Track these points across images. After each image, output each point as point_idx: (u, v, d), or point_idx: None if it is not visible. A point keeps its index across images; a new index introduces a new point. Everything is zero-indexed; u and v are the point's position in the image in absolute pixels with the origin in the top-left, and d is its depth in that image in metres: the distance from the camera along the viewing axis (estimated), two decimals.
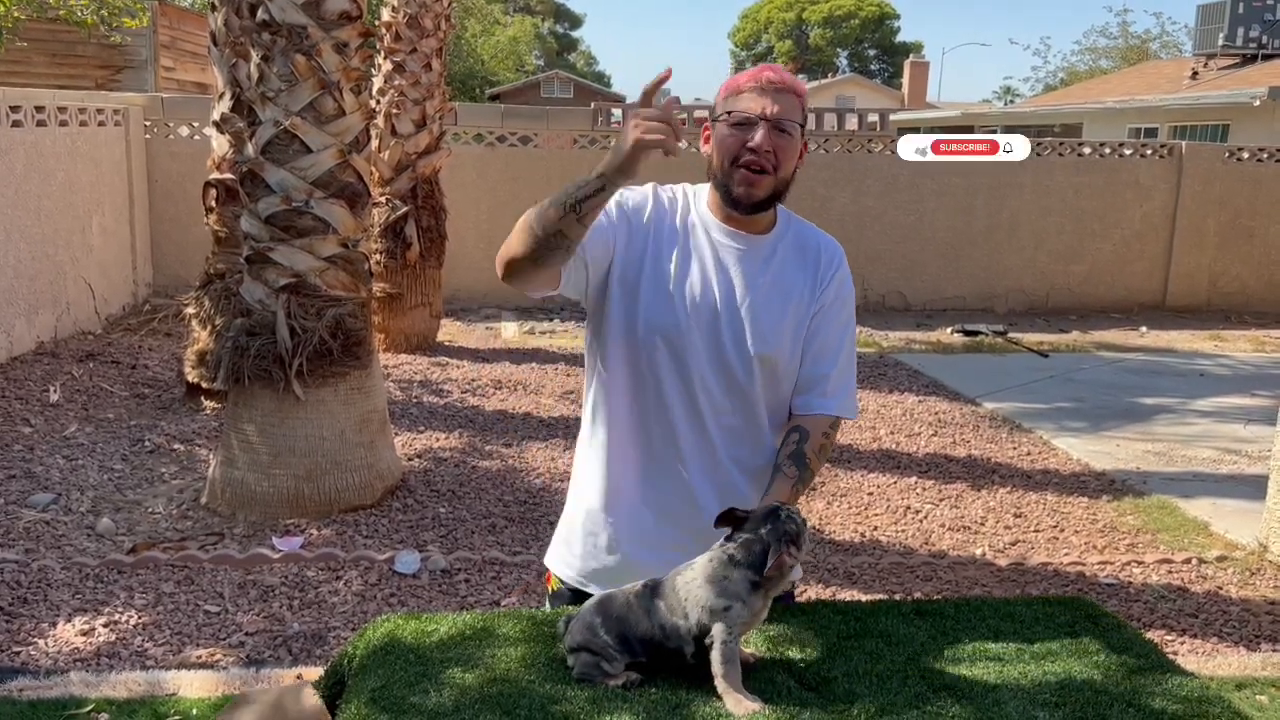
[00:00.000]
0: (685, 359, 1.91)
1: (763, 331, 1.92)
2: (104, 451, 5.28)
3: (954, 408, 6.86)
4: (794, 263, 1.96)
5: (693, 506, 1.96)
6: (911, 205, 10.71)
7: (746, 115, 1.84)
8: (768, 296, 1.93)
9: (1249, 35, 20.15)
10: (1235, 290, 11.32)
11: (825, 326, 1.98)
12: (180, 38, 13.77)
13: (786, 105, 1.86)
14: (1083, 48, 47.53)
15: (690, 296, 1.90)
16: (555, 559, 2.12)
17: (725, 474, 1.97)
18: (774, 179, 1.87)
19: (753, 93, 1.86)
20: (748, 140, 1.84)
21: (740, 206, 1.89)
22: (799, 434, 1.92)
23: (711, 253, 1.92)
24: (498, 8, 40.44)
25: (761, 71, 1.89)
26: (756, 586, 1.64)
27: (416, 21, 7.75)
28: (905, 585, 4.11)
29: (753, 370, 1.93)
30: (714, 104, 1.96)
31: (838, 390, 1.98)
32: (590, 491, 2.04)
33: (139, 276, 9.38)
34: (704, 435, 1.95)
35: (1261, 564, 4.40)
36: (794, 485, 1.86)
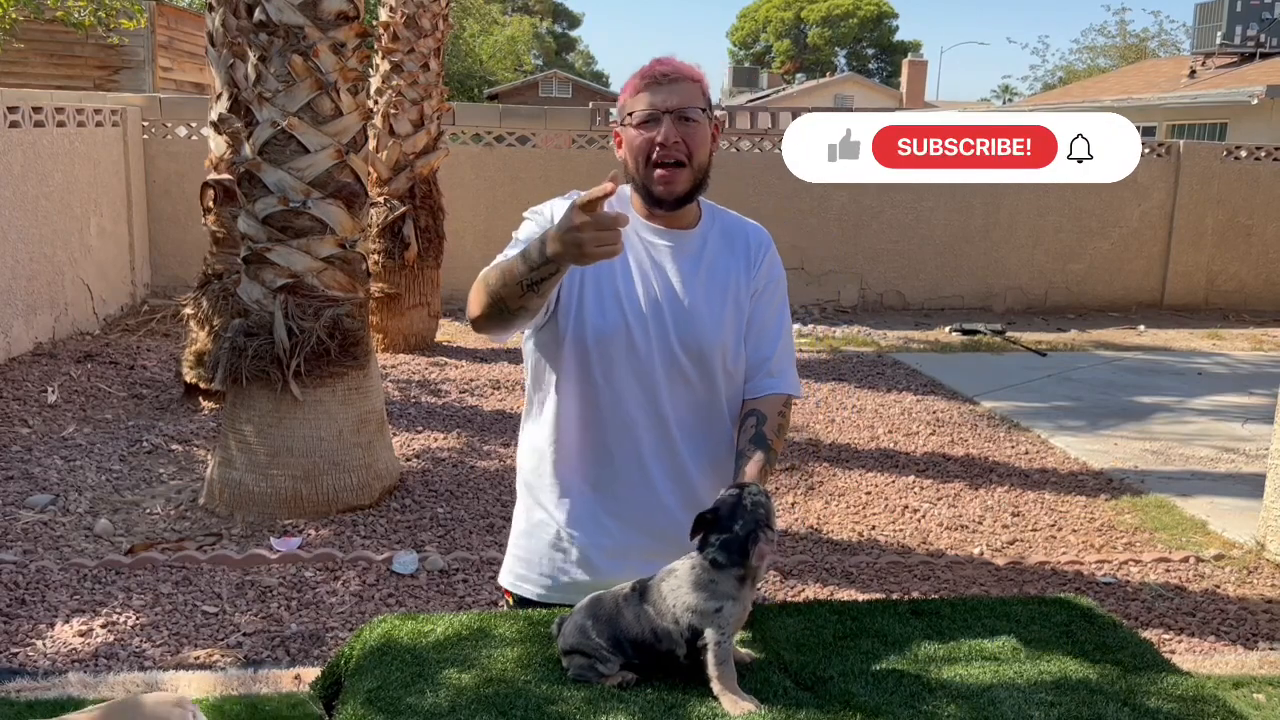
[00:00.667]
0: (639, 363, 1.91)
1: (708, 324, 1.93)
2: (102, 452, 5.28)
3: (952, 407, 6.86)
4: (724, 251, 1.98)
5: (659, 511, 1.96)
6: (909, 204, 10.71)
7: (648, 113, 1.85)
8: (707, 289, 1.94)
9: (1247, 34, 20.15)
10: (1233, 289, 11.33)
11: (763, 309, 2.00)
12: (178, 38, 13.77)
13: (685, 94, 1.86)
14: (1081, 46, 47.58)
15: (633, 300, 1.91)
16: (515, 579, 2.07)
17: (689, 475, 1.97)
18: (690, 170, 1.88)
19: (650, 89, 1.86)
20: (655, 137, 1.84)
21: (664, 204, 1.90)
22: (756, 418, 1.94)
23: (645, 254, 1.93)
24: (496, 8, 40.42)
25: (654, 66, 1.89)
26: (744, 581, 1.65)
27: (414, 21, 7.75)
28: (903, 584, 4.12)
29: (706, 364, 1.94)
30: (617, 108, 1.97)
31: (783, 369, 2.01)
32: (550, 506, 2.01)
33: (137, 277, 9.38)
34: (666, 437, 1.95)
35: (1259, 563, 4.41)
36: (761, 467, 1.87)
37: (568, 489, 1.99)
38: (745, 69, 53.14)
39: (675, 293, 1.93)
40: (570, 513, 1.99)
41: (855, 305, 10.83)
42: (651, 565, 1.86)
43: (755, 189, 10.36)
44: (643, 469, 1.95)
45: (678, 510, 1.95)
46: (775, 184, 10.19)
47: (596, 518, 1.98)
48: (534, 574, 2.05)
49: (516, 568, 2.08)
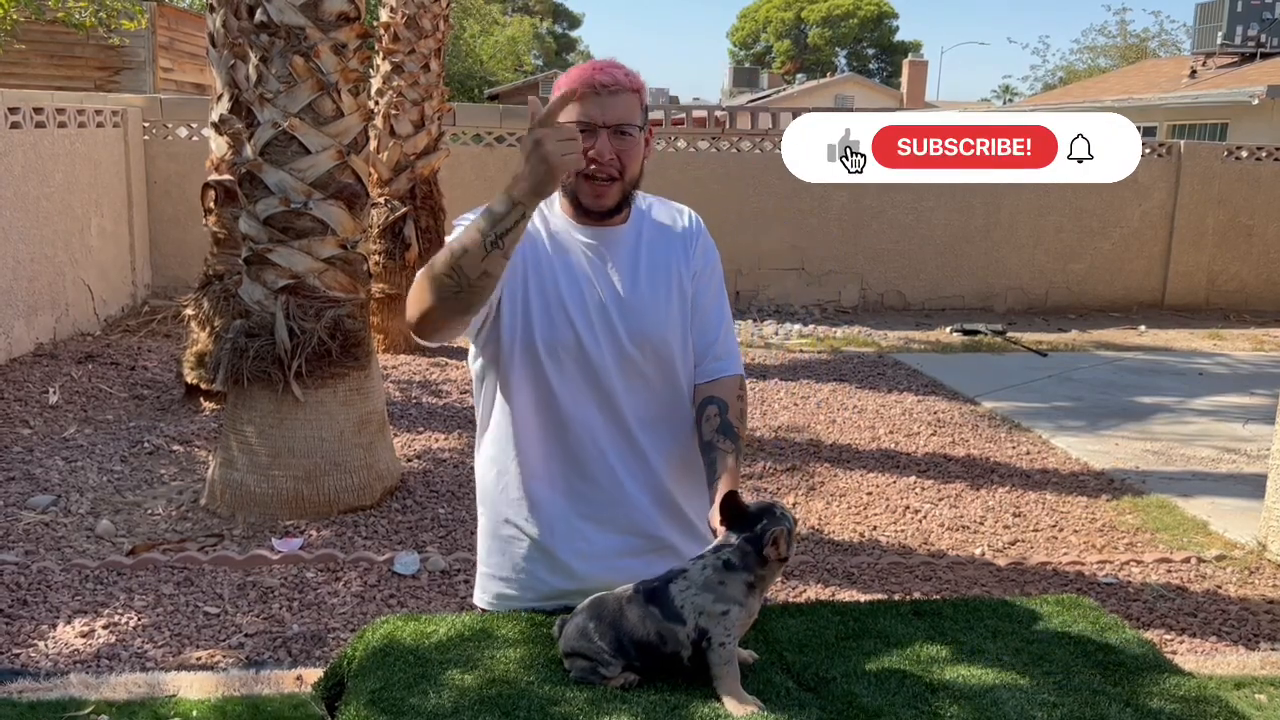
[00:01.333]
0: (592, 367, 1.89)
1: (655, 316, 1.92)
2: (103, 453, 5.29)
3: (953, 407, 6.86)
4: (660, 240, 1.96)
5: (630, 509, 1.95)
6: (910, 204, 10.71)
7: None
8: (649, 281, 1.93)
9: (1247, 34, 20.15)
10: (1234, 289, 11.33)
11: (703, 292, 1.98)
12: (179, 39, 13.77)
13: (624, 106, 1.82)
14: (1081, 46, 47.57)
15: (579, 304, 1.88)
16: (492, 598, 2.03)
17: (656, 470, 1.96)
18: (621, 183, 1.86)
19: (585, 100, 1.79)
20: (588, 150, 1.79)
21: (592, 215, 1.89)
22: (716, 405, 1.92)
23: (582, 255, 1.91)
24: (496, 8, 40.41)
25: (592, 75, 1.81)
26: (752, 588, 1.65)
27: (415, 22, 7.76)
28: (904, 585, 4.12)
29: (660, 356, 1.93)
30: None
31: (729, 350, 2.00)
32: (521, 520, 1.97)
33: (138, 278, 9.38)
34: (628, 437, 1.93)
35: (1260, 563, 4.41)
36: (734, 457, 1.87)
37: (537, 500, 1.96)
38: (745, 69, 53.11)
39: (618, 290, 1.91)
40: (542, 523, 1.96)
41: (856, 305, 10.82)
42: (630, 564, 1.88)
43: (756, 189, 10.37)
44: (610, 471, 1.93)
45: (650, 507, 1.96)
46: (776, 184, 10.20)
47: (570, 523, 1.95)
48: (511, 590, 2.01)
49: (492, 586, 2.04)
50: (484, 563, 2.06)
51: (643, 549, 1.83)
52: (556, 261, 1.91)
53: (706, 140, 10.62)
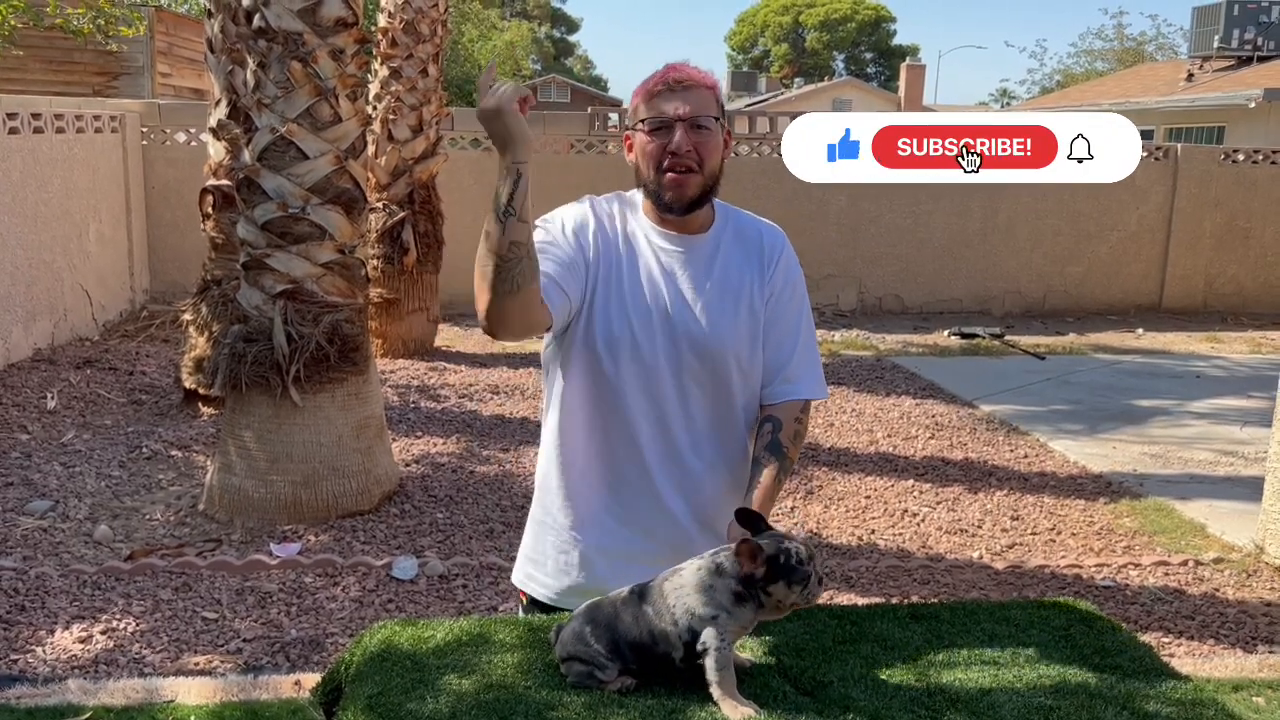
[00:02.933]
0: (645, 371, 1.90)
1: (719, 330, 1.91)
2: (101, 458, 5.29)
3: (951, 410, 6.87)
4: (738, 256, 1.96)
5: (663, 517, 1.95)
6: (908, 207, 10.72)
7: (662, 119, 1.84)
8: (719, 295, 1.93)
9: (1244, 37, 20.19)
10: (1231, 292, 11.34)
11: (780, 313, 1.98)
12: (177, 44, 13.77)
13: (699, 101, 1.85)
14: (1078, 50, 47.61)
15: (643, 306, 1.89)
16: (525, 578, 2.09)
17: (698, 484, 1.96)
18: (702, 176, 1.87)
19: (663, 96, 1.85)
20: (668, 144, 1.84)
21: (674, 209, 1.89)
22: (772, 424, 1.93)
23: (655, 259, 1.92)
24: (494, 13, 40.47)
25: (668, 72, 1.87)
26: (741, 599, 1.63)
27: (413, 27, 7.77)
28: (902, 588, 4.12)
29: (716, 371, 1.93)
30: (629, 111, 1.95)
31: (801, 374, 1.99)
32: (556, 509, 2.01)
33: (136, 283, 9.38)
34: (672, 447, 1.94)
35: (1258, 566, 4.41)
36: (776, 475, 1.87)
37: (573, 493, 1.99)
38: (743, 73, 53.19)
39: (686, 299, 1.91)
40: (575, 516, 1.99)
41: (854, 309, 10.84)
42: (657, 571, 1.87)
43: (754, 193, 10.35)
44: (647, 477, 1.94)
45: (684, 519, 1.96)
46: (774, 188, 10.21)
47: (601, 522, 1.98)
48: (540, 574, 2.06)
49: (526, 566, 2.10)
50: (524, 542, 2.11)
51: (672, 559, 1.79)
52: (629, 261, 1.92)
53: None
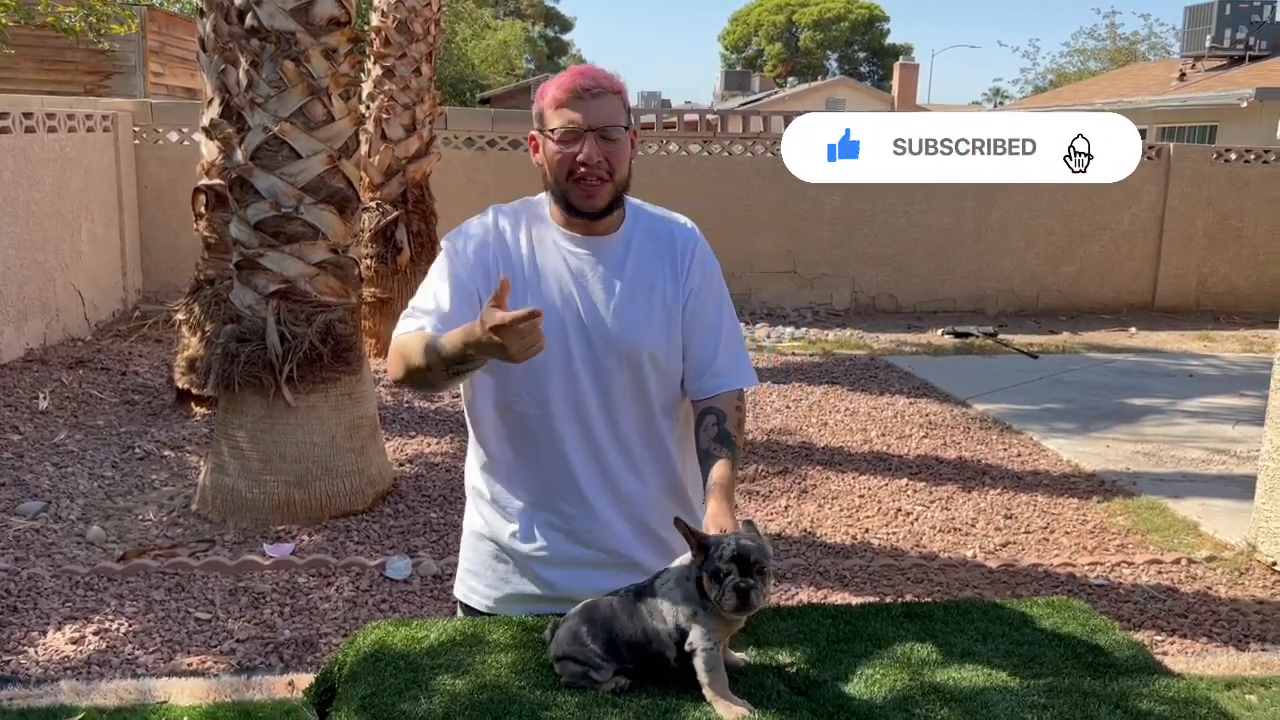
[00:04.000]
0: (564, 380, 1.89)
1: (633, 330, 1.90)
2: (94, 459, 5.27)
3: (944, 409, 6.88)
4: (650, 254, 1.94)
5: (596, 524, 1.94)
6: (901, 207, 10.73)
7: (569, 129, 1.82)
8: (631, 295, 1.91)
9: (1236, 37, 20.26)
10: (1223, 291, 11.37)
11: (700, 309, 1.96)
12: (169, 43, 13.74)
13: (608, 109, 1.83)
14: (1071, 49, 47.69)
15: (554, 313, 1.86)
16: (466, 591, 2.08)
17: (623, 487, 1.95)
18: (612, 184, 1.85)
19: (571, 104, 1.82)
20: (577, 154, 1.81)
21: (584, 215, 1.88)
22: (715, 415, 1.91)
23: (564, 264, 1.90)
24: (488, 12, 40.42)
25: (575, 79, 1.84)
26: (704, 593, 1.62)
27: (406, 26, 7.75)
28: (896, 587, 4.12)
29: (637, 372, 1.91)
30: (534, 113, 1.92)
31: (729, 365, 1.97)
32: (488, 518, 2.01)
33: (128, 283, 9.36)
34: (596, 452, 1.93)
35: (1250, 564, 4.42)
36: (730, 465, 1.86)
37: (505, 503, 1.98)
38: (737, 72, 53.15)
39: (598, 303, 1.89)
40: (508, 526, 1.98)
41: (848, 308, 10.84)
42: (597, 575, 1.87)
43: (748, 193, 10.38)
44: (574, 484, 1.93)
45: (616, 523, 1.95)
46: (768, 188, 10.22)
47: (533, 531, 1.96)
48: (480, 585, 2.04)
49: (465, 578, 2.08)
50: (462, 554, 2.10)
51: (609, 561, 1.82)
52: (535, 267, 1.90)
53: (698, 144, 10.63)
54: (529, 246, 1.92)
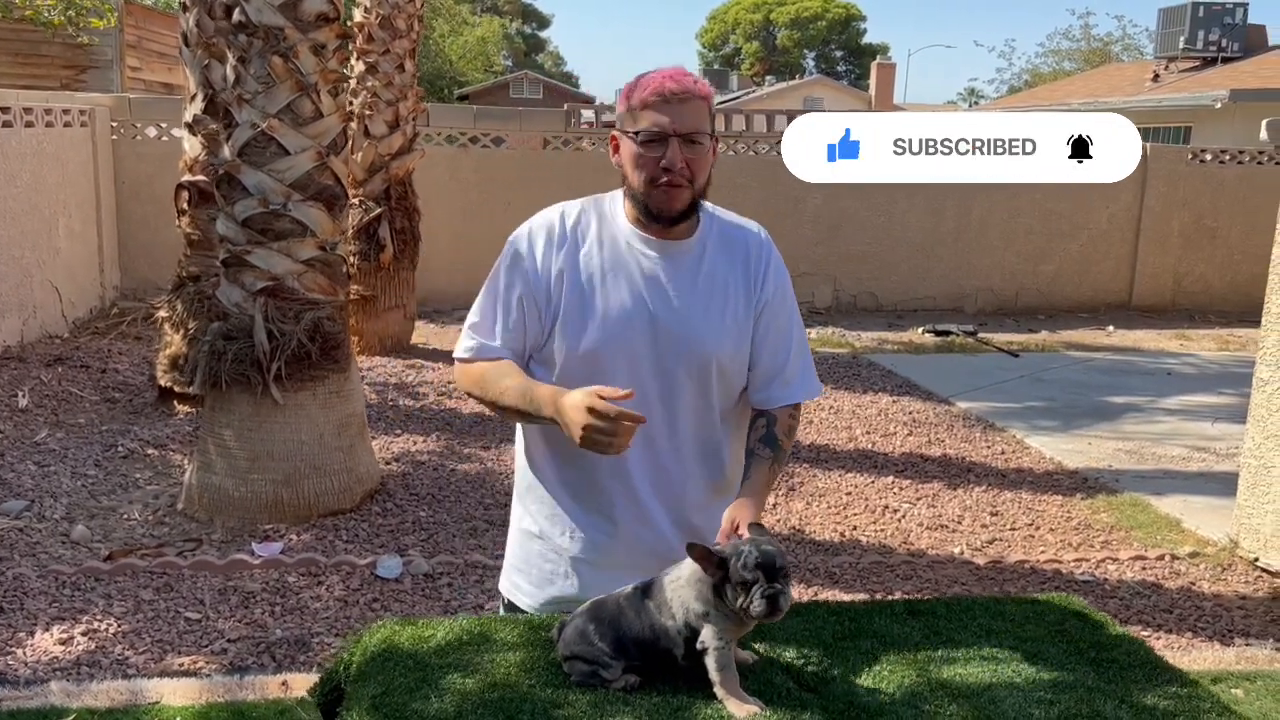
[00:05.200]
0: (630, 377, 1.88)
1: (703, 336, 1.90)
2: (76, 457, 5.22)
3: (928, 407, 6.92)
4: (723, 261, 1.94)
5: (646, 525, 1.95)
6: (883, 206, 10.79)
7: (655, 133, 1.80)
8: (704, 301, 1.90)
9: (1209, 38, 20.49)
10: (1199, 290, 11.49)
11: (772, 321, 1.96)
12: (146, 37, 13.60)
13: (694, 115, 1.81)
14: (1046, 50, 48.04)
15: (622, 312, 1.87)
16: (511, 587, 2.09)
17: (678, 491, 1.96)
18: (692, 190, 1.85)
19: (658, 107, 1.80)
20: (660, 159, 1.80)
21: (661, 220, 1.87)
22: (766, 419, 1.94)
23: (637, 266, 1.89)
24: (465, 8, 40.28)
25: (663, 82, 1.81)
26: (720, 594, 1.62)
27: (389, 23, 7.72)
28: (886, 584, 4.15)
29: (698, 377, 1.91)
30: (617, 112, 1.90)
31: (795, 377, 1.98)
32: (538, 517, 2.01)
33: (106, 279, 9.26)
34: (653, 451, 1.92)
35: (1232, 560, 4.48)
36: (770, 465, 1.89)
37: (555, 503, 1.98)
38: (715, 71, 53.21)
39: (670, 305, 1.89)
40: (558, 526, 1.98)
41: (829, 307, 10.88)
42: (637, 579, 1.87)
43: (729, 192, 10.37)
44: (628, 486, 1.93)
45: (666, 526, 1.95)
46: (750, 186, 10.23)
47: (584, 532, 1.96)
48: (526, 583, 2.05)
49: (512, 575, 2.09)
50: (508, 550, 2.11)
51: (657, 567, 1.79)
52: (606, 268, 1.89)
53: None
54: (601, 246, 1.90)
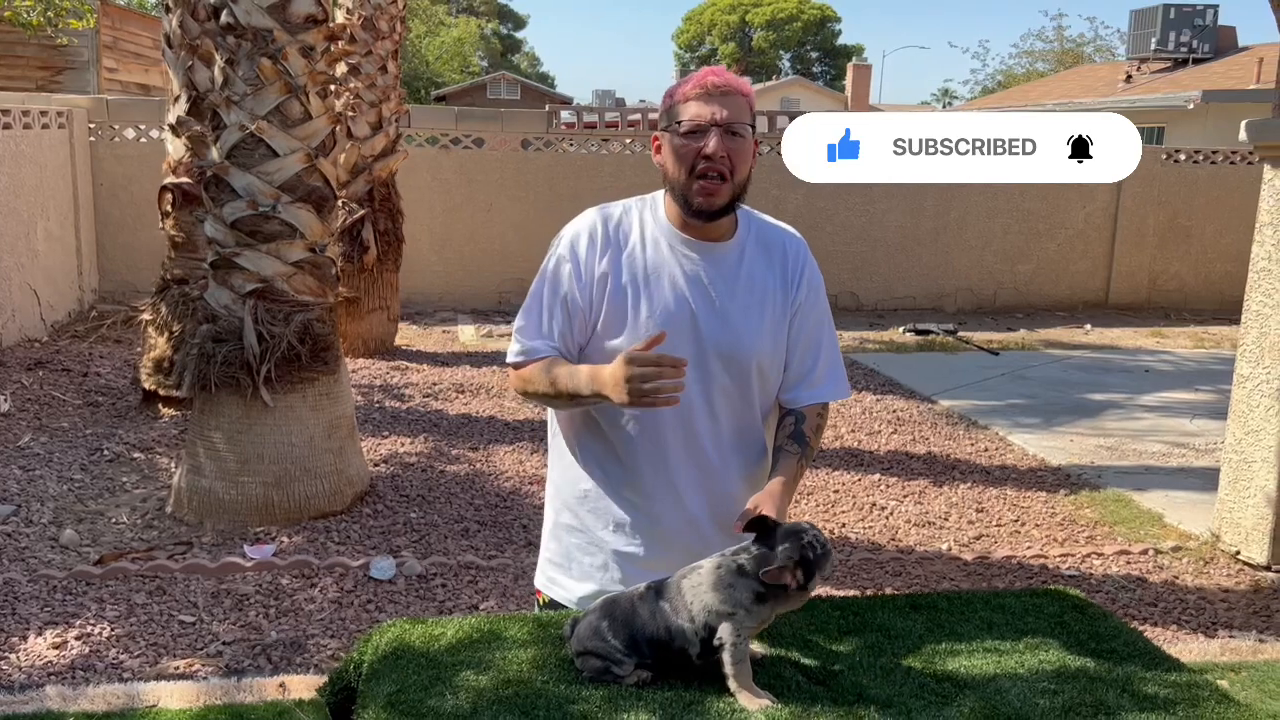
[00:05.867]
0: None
1: (744, 337, 1.92)
2: (61, 461, 5.18)
3: (911, 406, 6.98)
4: (762, 263, 1.96)
5: (686, 522, 1.97)
6: (863, 206, 10.86)
7: (697, 123, 1.82)
8: (744, 301, 1.93)
9: (1180, 40, 20.75)
10: (1174, 288, 11.64)
11: (805, 324, 2.00)
12: (123, 38, 13.48)
13: (735, 108, 1.83)
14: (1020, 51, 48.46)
15: (664, 313, 1.89)
16: (548, 582, 2.10)
17: (721, 489, 1.98)
18: (731, 185, 1.85)
19: (700, 99, 1.83)
20: (701, 149, 1.81)
21: (702, 215, 1.88)
22: (795, 416, 1.97)
23: (679, 266, 1.91)
24: (442, 9, 40.15)
25: (705, 76, 1.85)
26: (762, 598, 1.66)
27: (371, 24, 7.71)
28: (876, 581, 4.19)
29: (739, 376, 1.94)
30: (660, 112, 1.93)
31: (824, 379, 2.02)
32: (579, 513, 2.02)
33: (85, 282, 9.19)
34: (697, 453, 1.95)
35: (1214, 553, 4.55)
36: (798, 461, 1.92)
37: (597, 499, 2.00)
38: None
39: (712, 305, 1.91)
40: (600, 522, 2.00)
41: None
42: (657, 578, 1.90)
43: None
44: (672, 484, 1.95)
45: (707, 525, 1.97)
46: None
47: (626, 529, 1.98)
48: (565, 578, 2.06)
49: (548, 570, 2.10)
50: (545, 546, 2.12)
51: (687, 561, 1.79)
52: (651, 270, 1.91)
53: (643, 142, 10.64)
54: (644, 248, 1.92)
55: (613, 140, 10.55)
